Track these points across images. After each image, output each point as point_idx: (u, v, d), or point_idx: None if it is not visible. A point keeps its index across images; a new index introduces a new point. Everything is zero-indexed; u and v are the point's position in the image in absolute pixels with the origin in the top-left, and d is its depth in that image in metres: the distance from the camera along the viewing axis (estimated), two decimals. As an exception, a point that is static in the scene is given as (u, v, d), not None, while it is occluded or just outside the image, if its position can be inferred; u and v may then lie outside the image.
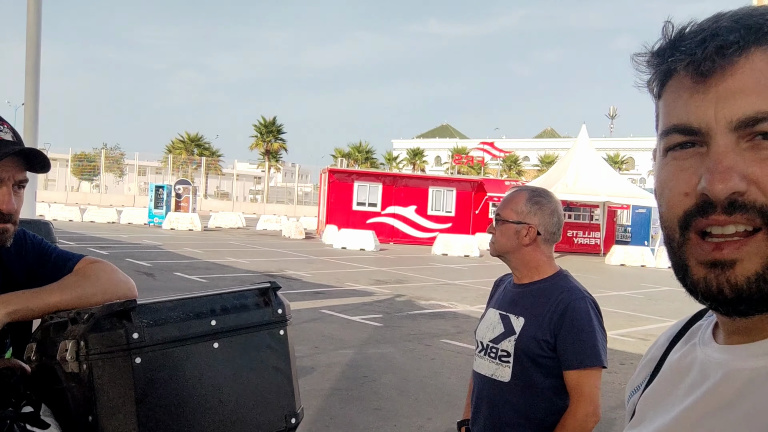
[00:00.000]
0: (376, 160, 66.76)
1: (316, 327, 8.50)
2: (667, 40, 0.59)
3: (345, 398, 5.61)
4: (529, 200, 2.07)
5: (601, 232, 26.88)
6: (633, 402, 0.76)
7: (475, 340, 2.19)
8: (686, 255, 0.58)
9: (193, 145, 58.45)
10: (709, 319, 0.69)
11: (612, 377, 6.68)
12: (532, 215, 2.05)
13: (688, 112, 0.57)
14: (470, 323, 9.46)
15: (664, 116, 0.61)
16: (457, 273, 16.60)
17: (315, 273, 14.66)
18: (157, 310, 1.22)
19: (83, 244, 17.11)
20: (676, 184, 0.58)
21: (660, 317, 10.98)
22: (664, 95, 0.61)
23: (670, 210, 0.59)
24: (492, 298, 2.25)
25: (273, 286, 1.39)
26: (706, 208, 0.55)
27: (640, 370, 0.78)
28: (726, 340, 0.62)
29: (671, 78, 0.60)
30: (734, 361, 0.59)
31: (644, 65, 0.62)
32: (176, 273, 13.14)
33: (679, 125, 0.58)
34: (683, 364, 0.67)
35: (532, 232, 2.05)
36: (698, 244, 0.56)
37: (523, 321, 2.01)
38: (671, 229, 0.59)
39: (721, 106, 0.55)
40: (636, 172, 77.80)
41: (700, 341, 0.67)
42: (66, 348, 1.17)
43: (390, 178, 28.57)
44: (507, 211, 2.08)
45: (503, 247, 2.08)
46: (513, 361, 2.00)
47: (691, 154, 0.58)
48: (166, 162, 54.66)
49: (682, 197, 0.58)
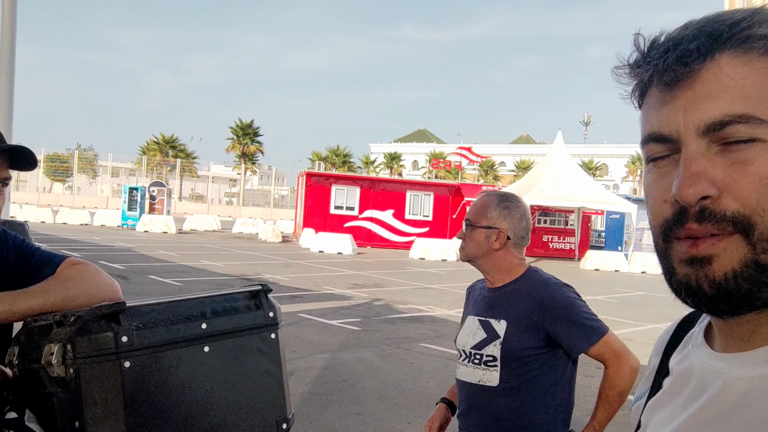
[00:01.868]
0: (353, 164, 66.77)
1: (294, 331, 8.43)
2: (638, 52, 0.61)
3: (324, 403, 5.57)
4: (498, 205, 2.09)
5: (576, 237, 27.19)
6: (636, 410, 0.76)
7: (456, 349, 2.18)
8: (670, 258, 0.59)
9: (168, 146, 57.83)
10: (701, 324, 0.69)
11: (589, 381, 6.73)
12: (502, 220, 2.07)
13: (660, 121, 0.58)
14: (448, 327, 9.48)
15: (642, 126, 0.62)
16: (434, 277, 16.63)
17: (292, 277, 14.58)
18: (146, 312, 1.19)
19: (55, 246, 16.79)
20: (656, 192, 0.60)
21: (635, 321, 11.12)
22: (644, 106, 0.62)
23: (654, 218, 0.60)
24: (468, 305, 2.24)
25: (264, 289, 1.36)
26: (681, 216, 0.56)
27: (645, 379, 0.78)
28: (723, 347, 0.62)
29: (649, 88, 0.61)
30: (733, 370, 0.59)
31: (624, 77, 0.63)
32: (150, 276, 12.96)
33: (653, 134, 0.59)
34: (681, 372, 0.67)
35: (502, 236, 2.06)
36: (678, 244, 0.57)
37: (505, 324, 2.01)
38: (656, 236, 0.60)
39: (689, 112, 0.56)
40: (610, 178, 78.89)
41: (693, 349, 0.67)
42: (51, 351, 1.13)
43: (368, 182, 28.56)
44: (477, 216, 2.09)
45: (473, 252, 2.09)
46: (500, 364, 1.99)
47: (668, 162, 0.59)
48: (141, 164, 54.03)
49: (662, 204, 0.59)
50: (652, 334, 10.03)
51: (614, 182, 76.43)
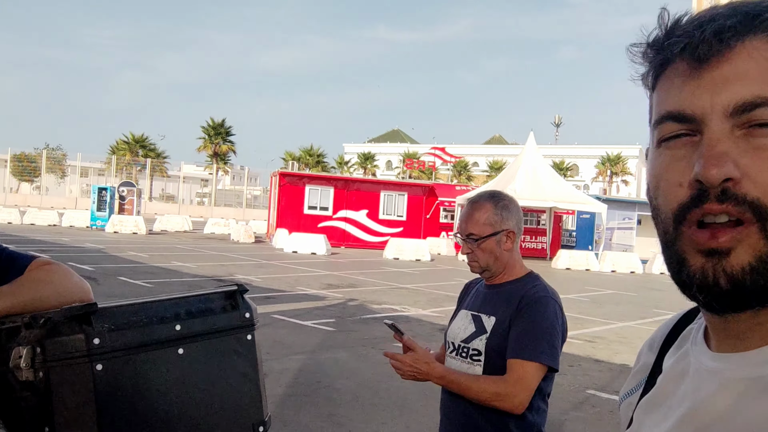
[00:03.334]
0: (327, 164, 66.59)
1: (267, 332, 8.36)
2: (663, 29, 0.58)
3: (298, 404, 5.53)
4: (496, 207, 2.08)
5: (548, 237, 27.49)
6: (626, 407, 0.75)
7: (445, 341, 2.19)
8: (682, 247, 0.56)
9: (137, 146, 56.97)
10: (699, 322, 0.67)
11: (562, 379, 6.81)
12: (507, 220, 2.07)
13: (682, 99, 0.56)
14: (423, 327, 9.50)
15: (657, 105, 0.59)
16: (408, 277, 16.65)
17: (265, 277, 14.47)
18: (118, 314, 1.16)
19: (23, 247, 16.31)
20: (670, 175, 0.57)
21: (605, 320, 11.28)
22: (659, 86, 0.60)
23: (666, 202, 0.58)
24: (463, 300, 2.26)
25: (240, 289, 1.34)
26: (700, 197, 0.54)
27: (634, 374, 0.76)
28: (718, 347, 0.61)
29: (666, 68, 0.59)
30: (728, 371, 0.58)
31: (639, 57, 0.61)
32: (120, 277, 12.75)
33: (673, 111, 0.57)
34: (677, 371, 0.65)
35: (512, 235, 2.08)
36: (695, 233, 0.55)
37: (494, 320, 2.03)
38: (666, 223, 0.58)
39: (718, 91, 0.54)
40: (580, 178, 79.86)
41: (692, 347, 0.65)
42: (20, 354, 1.09)
43: (342, 182, 28.50)
44: (481, 228, 2.06)
45: (488, 262, 2.07)
46: (484, 359, 2.01)
47: (684, 143, 0.56)
48: (110, 163, 53.14)
49: (677, 188, 0.56)
50: (621, 332, 10.18)
51: (585, 182, 77.43)
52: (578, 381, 6.90)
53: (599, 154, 76.53)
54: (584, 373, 7.27)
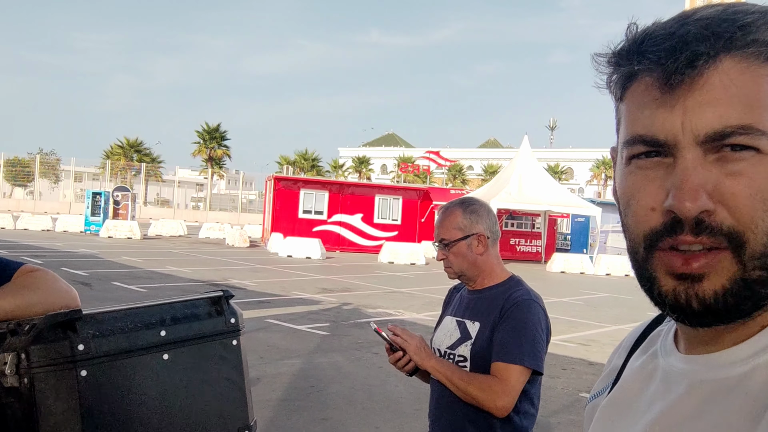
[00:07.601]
0: (322, 168, 66.48)
1: (262, 336, 8.36)
2: (630, 42, 0.57)
3: (292, 409, 5.53)
4: (465, 212, 2.11)
5: (542, 240, 27.52)
6: (590, 409, 0.75)
7: (431, 348, 2.19)
8: (653, 267, 0.56)
9: (132, 150, 56.79)
10: (668, 324, 0.68)
11: (554, 382, 6.82)
12: (476, 224, 2.09)
13: (654, 124, 0.55)
14: (417, 331, 9.45)
15: (628, 123, 0.58)
16: (403, 281, 16.66)
17: (260, 282, 14.45)
18: (103, 320, 1.17)
19: (16, 253, 16.35)
20: (642, 197, 0.56)
21: (599, 323, 11.30)
22: (627, 98, 0.59)
23: (637, 225, 0.57)
24: (448, 305, 2.27)
25: (225, 295, 1.35)
26: (674, 227, 0.54)
27: (603, 377, 0.77)
28: (688, 349, 0.61)
29: (634, 81, 0.58)
30: (698, 372, 0.58)
31: (604, 65, 0.60)
32: (115, 282, 12.71)
33: (645, 136, 0.56)
34: (645, 372, 0.66)
35: (482, 239, 2.09)
36: (668, 256, 0.55)
37: (478, 325, 2.04)
38: (636, 243, 0.58)
39: (689, 118, 0.53)
40: (575, 182, 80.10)
41: (661, 349, 0.66)
42: (5, 361, 1.10)
43: (336, 186, 28.49)
44: (450, 233, 2.09)
45: (461, 267, 2.09)
46: (470, 365, 2.02)
47: (656, 163, 0.56)
48: (104, 168, 52.95)
49: (649, 212, 0.56)
50: (616, 335, 10.20)
51: (579, 186, 77.64)
52: (572, 384, 6.92)
53: (594, 157, 76.72)
54: (578, 376, 7.29)
